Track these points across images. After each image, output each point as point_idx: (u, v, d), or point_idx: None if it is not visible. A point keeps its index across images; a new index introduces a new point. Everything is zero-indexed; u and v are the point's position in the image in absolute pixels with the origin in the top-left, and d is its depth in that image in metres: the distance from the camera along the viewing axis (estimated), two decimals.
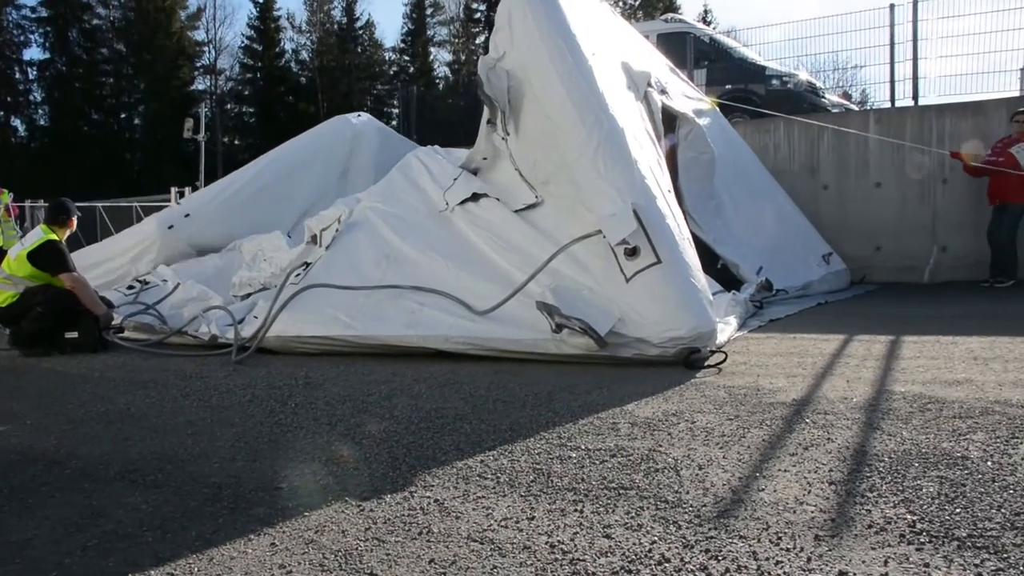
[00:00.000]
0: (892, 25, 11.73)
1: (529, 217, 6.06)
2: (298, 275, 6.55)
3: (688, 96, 9.33)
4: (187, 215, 9.28)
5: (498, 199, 6.33)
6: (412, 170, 7.56)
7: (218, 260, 8.67)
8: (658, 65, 8.86)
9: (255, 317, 6.36)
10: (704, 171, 8.59)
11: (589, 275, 5.28)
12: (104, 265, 8.89)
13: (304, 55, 44.38)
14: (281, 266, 7.74)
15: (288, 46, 44.54)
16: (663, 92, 7.97)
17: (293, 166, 10.17)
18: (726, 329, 5.63)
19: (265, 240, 8.54)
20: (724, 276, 7.79)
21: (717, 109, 10.26)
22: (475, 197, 6.45)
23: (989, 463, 2.64)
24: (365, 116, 11.46)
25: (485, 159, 6.77)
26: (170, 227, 9.06)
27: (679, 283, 5.00)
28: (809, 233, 10.04)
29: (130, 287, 8.09)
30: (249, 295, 7.87)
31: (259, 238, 8.62)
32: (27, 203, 20.79)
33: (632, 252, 5.00)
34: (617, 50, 7.26)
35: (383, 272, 6.18)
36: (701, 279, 5.23)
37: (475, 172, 6.88)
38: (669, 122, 8.02)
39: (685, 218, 6.81)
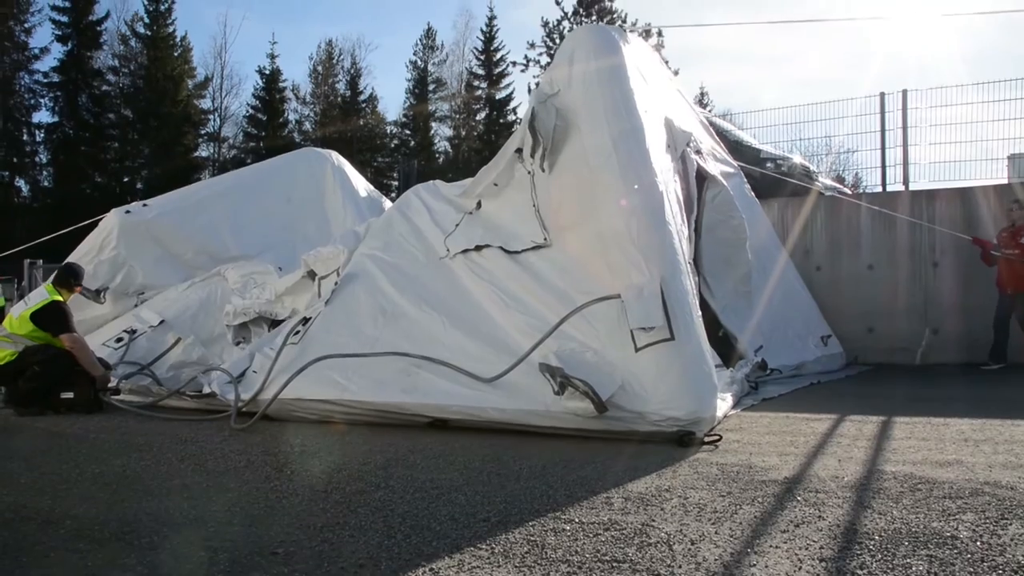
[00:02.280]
0: (883, 112, 12.08)
1: (534, 267, 5.99)
2: (297, 332, 6.55)
3: (716, 157, 9.27)
4: (145, 205, 10.14)
5: (502, 247, 6.25)
6: (411, 209, 7.53)
7: (200, 292, 8.75)
8: (695, 122, 8.83)
9: (254, 372, 6.37)
10: (732, 235, 8.50)
11: (596, 336, 5.21)
12: (81, 260, 9.23)
13: (307, 126, 45.16)
14: (277, 291, 7.89)
15: (292, 116, 45.36)
16: (698, 152, 7.97)
17: (250, 181, 11.25)
18: (722, 406, 5.60)
19: (251, 267, 8.75)
20: (724, 346, 7.80)
21: (742, 173, 10.26)
22: (477, 248, 6.43)
23: (978, 543, 2.67)
24: (332, 153, 12.26)
25: (496, 185, 6.71)
26: (127, 212, 9.79)
27: (688, 363, 4.94)
28: (812, 312, 10.09)
29: (119, 339, 8.08)
30: (245, 324, 7.91)
31: (245, 265, 8.86)
32: (26, 262, 20.86)
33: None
34: (662, 103, 7.22)
35: (380, 330, 6.19)
36: (709, 361, 5.15)
37: (478, 200, 6.84)
38: (699, 182, 8.02)
39: (700, 282, 6.80)
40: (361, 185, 11.80)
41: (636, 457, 4.28)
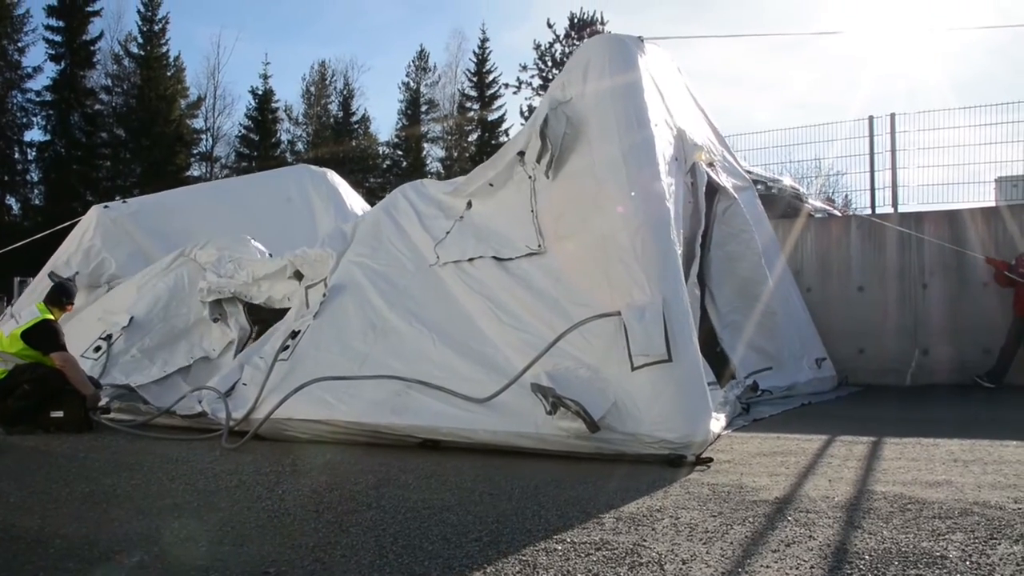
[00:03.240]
0: (871, 135, 12.18)
1: (528, 275, 5.93)
2: (287, 347, 6.48)
3: (728, 170, 9.11)
4: (124, 202, 10.42)
5: (494, 256, 6.20)
6: (399, 211, 7.43)
7: (167, 280, 8.56)
8: (709, 133, 8.75)
9: (244, 384, 6.34)
10: (742, 250, 8.43)
11: (591, 352, 5.16)
12: (59, 259, 9.52)
13: (300, 146, 45.26)
14: (254, 275, 7.80)
15: (284, 136, 45.43)
16: (710, 165, 7.90)
17: (237, 191, 11.53)
18: (715, 427, 5.55)
19: (226, 243, 8.63)
20: (719, 363, 7.73)
21: (754, 187, 10.15)
22: (470, 260, 6.36)
23: (968, 563, 2.69)
24: (328, 172, 12.34)
25: (491, 185, 6.62)
26: (106, 207, 10.01)
27: (684, 385, 4.90)
28: (809, 334, 10.01)
29: (96, 348, 7.91)
30: (219, 301, 7.90)
31: (217, 242, 8.72)
32: (16, 280, 20.80)
33: None
34: (676, 113, 7.13)
35: (369, 346, 6.15)
36: (705, 384, 5.09)
37: (469, 200, 6.78)
38: (710, 194, 7.92)
39: (704, 295, 6.73)
40: (357, 204, 11.83)
41: (627, 477, 4.29)
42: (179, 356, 7.93)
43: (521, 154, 6.37)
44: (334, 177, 12.14)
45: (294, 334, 6.66)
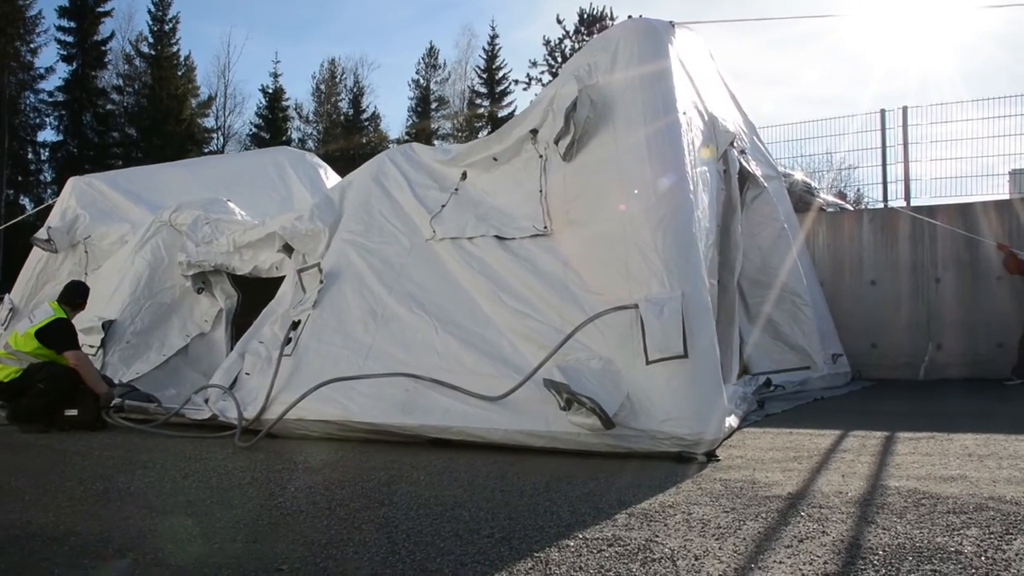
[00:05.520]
0: (883, 129, 12.14)
1: (532, 257, 5.79)
2: (289, 340, 6.38)
3: (758, 158, 8.96)
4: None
5: (496, 236, 6.05)
6: (389, 179, 7.18)
7: (146, 255, 8.44)
8: (740, 119, 8.59)
9: (247, 374, 6.36)
10: (772, 241, 8.34)
11: (604, 342, 5.07)
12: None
13: (310, 144, 45.35)
14: (236, 243, 7.75)
15: (295, 135, 45.54)
16: (742, 152, 7.76)
17: (211, 166, 12.05)
18: (729, 423, 5.39)
19: (202, 204, 8.61)
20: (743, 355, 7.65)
21: (782, 177, 10.03)
22: (469, 239, 6.20)
23: (983, 558, 2.67)
24: (306, 155, 12.63)
25: (495, 160, 6.44)
26: (80, 177, 10.49)
27: (700, 382, 4.82)
28: (828, 330, 9.91)
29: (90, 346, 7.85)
30: (203, 274, 7.99)
31: (193, 203, 8.68)
32: None
33: None
34: (707, 100, 6.96)
35: (372, 336, 6.06)
36: (720, 381, 5.01)
37: (464, 171, 6.65)
38: (740, 183, 7.75)
39: (734, 288, 6.60)
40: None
41: (640, 473, 4.28)
42: (174, 335, 7.98)
43: (534, 132, 6.19)
44: (313, 158, 12.29)
45: (295, 325, 6.52)
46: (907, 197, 11.83)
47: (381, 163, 7.46)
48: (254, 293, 8.07)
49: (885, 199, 12.23)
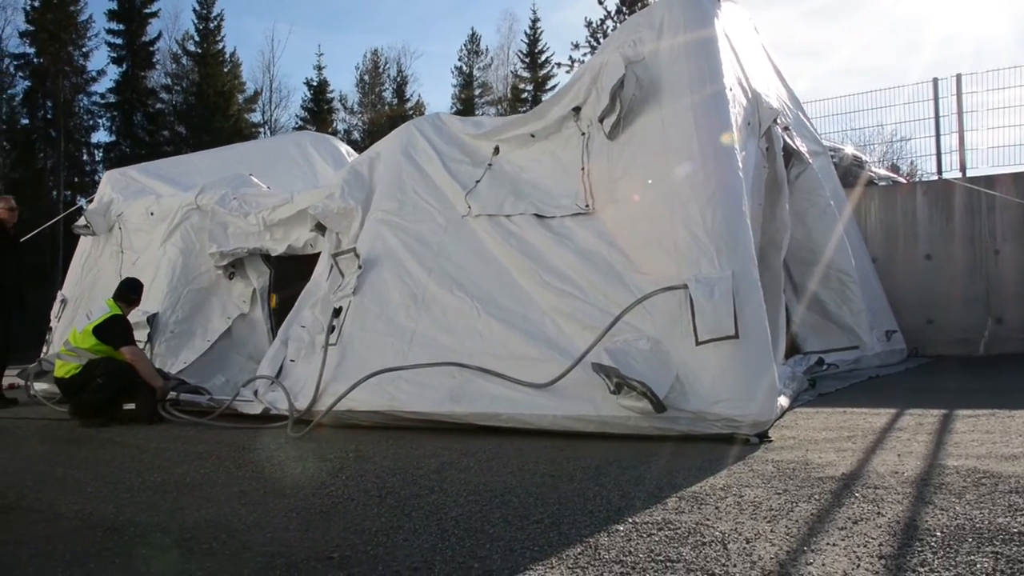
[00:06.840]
0: (936, 99, 11.81)
1: (573, 236, 5.72)
2: (333, 328, 6.37)
3: (803, 134, 8.76)
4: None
5: (536, 215, 5.96)
6: (419, 152, 7.06)
7: (178, 243, 8.55)
8: (785, 94, 8.44)
9: (292, 361, 6.44)
10: (816, 220, 8.20)
11: (651, 323, 5.01)
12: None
13: (356, 135, 45.69)
14: (266, 221, 7.83)
15: (340, 126, 45.89)
16: (786, 129, 7.63)
17: (238, 152, 12.18)
18: (781, 404, 5.36)
19: (228, 182, 8.66)
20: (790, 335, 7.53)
21: (827, 152, 9.86)
22: (507, 216, 6.13)
23: None
24: (329, 138, 12.88)
25: (533, 136, 6.34)
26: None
27: (750, 362, 4.75)
28: (881, 306, 9.73)
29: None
30: (233, 262, 8.13)
31: (217, 182, 8.74)
32: None
33: None
34: (751, 75, 6.85)
35: (415, 321, 6.02)
36: (772, 362, 4.94)
37: (496, 145, 6.56)
38: (785, 159, 7.60)
39: (781, 268, 6.50)
40: None
41: (690, 456, 4.24)
42: (216, 319, 8.16)
43: (577, 109, 6.10)
44: (336, 141, 12.49)
45: (336, 312, 6.49)
46: (963, 168, 11.50)
47: (410, 134, 7.32)
48: (285, 266, 8.17)
49: (940, 170, 11.91)
